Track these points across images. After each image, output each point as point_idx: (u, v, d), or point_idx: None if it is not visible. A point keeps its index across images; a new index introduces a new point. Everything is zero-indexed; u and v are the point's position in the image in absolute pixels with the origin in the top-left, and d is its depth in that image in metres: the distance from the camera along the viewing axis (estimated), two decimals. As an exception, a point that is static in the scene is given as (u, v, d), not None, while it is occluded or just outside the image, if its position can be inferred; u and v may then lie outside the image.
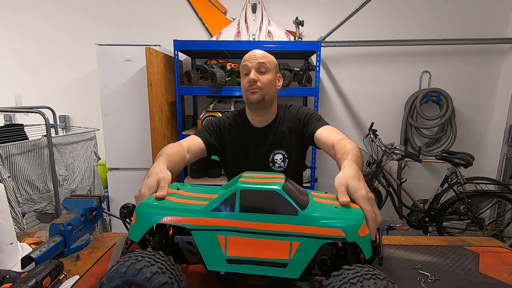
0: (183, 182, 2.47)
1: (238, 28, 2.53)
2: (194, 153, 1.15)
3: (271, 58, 1.21)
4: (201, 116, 2.39)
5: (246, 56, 1.20)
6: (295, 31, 2.60)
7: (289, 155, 1.26)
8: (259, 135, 1.27)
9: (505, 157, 2.70)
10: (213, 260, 0.62)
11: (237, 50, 2.36)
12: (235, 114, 1.33)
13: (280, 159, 1.26)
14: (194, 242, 0.63)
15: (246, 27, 2.51)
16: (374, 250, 0.61)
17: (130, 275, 0.50)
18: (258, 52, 1.19)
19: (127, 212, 0.72)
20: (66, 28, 2.78)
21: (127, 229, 0.70)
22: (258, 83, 1.16)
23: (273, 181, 0.62)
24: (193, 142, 1.16)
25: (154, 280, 0.50)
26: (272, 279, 0.65)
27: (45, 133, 1.75)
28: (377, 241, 0.62)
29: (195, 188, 0.75)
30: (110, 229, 2.38)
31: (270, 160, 1.26)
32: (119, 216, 0.73)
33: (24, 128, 1.90)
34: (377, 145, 2.47)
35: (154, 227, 0.68)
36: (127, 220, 0.72)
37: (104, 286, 0.51)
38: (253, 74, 1.15)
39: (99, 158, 2.35)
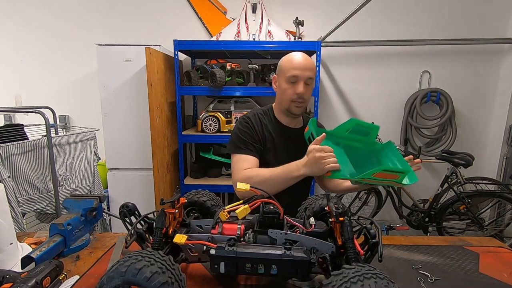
0: (183, 182, 2.47)
1: (238, 28, 2.53)
2: None
3: (315, 67, 1.20)
4: (201, 116, 2.39)
5: (295, 62, 1.14)
6: (295, 31, 2.60)
7: None
8: (297, 136, 1.23)
9: (505, 157, 2.70)
10: None
11: (237, 50, 2.37)
12: (261, 113, 1.27)
13: None
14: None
15: (246, 27, 2.51)
16: (374, 247, 0.62)
17: (130, 275, 0.50)
18: (307, 62, 1.15)
19: (126, 211, 0.72)
20: (66, 28, 2.78)
21: (127, 228, 0.70)
22: (305, 96, 1.16)
23: None
24: (252, 163, 1.15)
25: (154, 280, 0.50)
26: (272, 279, 0.65)
27: (45, 133, 1.75)
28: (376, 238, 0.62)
29: None
30: (110, 229, 2.38)
31: None
32: (119, 216, 0.73)
33: (24, 128, 1.90)
34: (377, 145, 2.46)
35: (154, 225, 0.69)
36: (127, 219, 0.72)
37: (104, 286, 0.51)
38: (302, 87, 1.13)
39: (99, 158, 2.35)
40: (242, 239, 0.67)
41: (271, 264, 0.61)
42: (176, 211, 0.70)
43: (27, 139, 1.80)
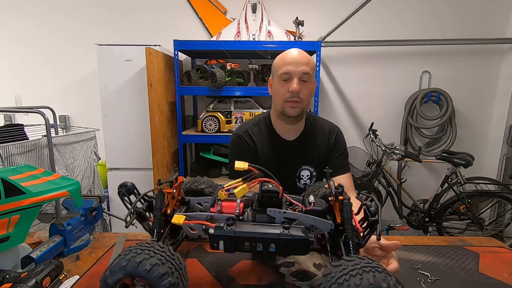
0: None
1: (238, 28, 2.53)
2: None
3: (313, 63, 1.07)
4: (201, 116, 2.39)
5: (287, 58, 1.04)
6: (295, 31, 2.60)
7: (317, 173, 1.18)
8: (289, 149, 1.16)
9: (505, 157, 2.70)
10: None
11: (237, 50, 2.37)
12: (251, 126, 1.20)
13: (307, 175, 1.19)
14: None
15: (246, 27, 2.51)
16: (373, 225, 0.61)
17: (131, 268, 0.52)
18: (301, 56, 1.04)
19: (125, 190, 0.72)
20: (66, 28, 2.78)
21: (127, 208, 0.70)
22: (300, 95, 1.03)
23: None
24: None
25: (154, 272, 0.51)
26: (272, 279, 0.65)
27: (45, 133, 1.75)
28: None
29: None
30: (110, 229, 2.38)
31: (297, 175, 1.19)
32: (118, 216, 0.74)
33: (24, 128, 1.90)
34: (377, 145, 2.46)
35: (154, 205, 0.70)
36: (126, 198, 0.72)
37: (108, 279, 0.53)
38: (296, 84, 1.02)
39: (99, 158, 2.35)
40: (241, 217, 0.67)
41: (270, 243, 0.62)
42: (174, 190, 0.71)
43: (27, 139, 1.80)
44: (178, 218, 0.64)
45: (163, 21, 2.76)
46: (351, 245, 0.61)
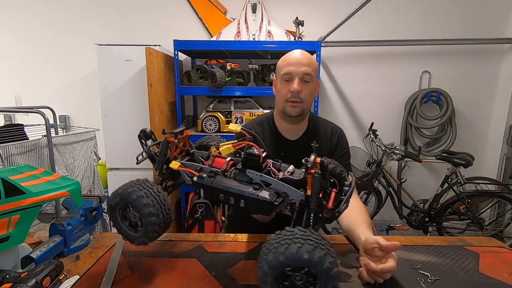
0: (183, 182, 2.47)
1: (238, 28, 2.53)
2: None
3: (315, 64, 1.09)
4: (201, 116, 2.39)
5: (289, 59, 1.07)
6: (295, 31, 2.60)
7: None
8: (291, 148, 1.16)
9: (505, 157, 2.70)
10: None
11: (237, 50, 2.37)
12: (254, 125, 1.21)
13: None
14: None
15: (246, 27, 2.51)
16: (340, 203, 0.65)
17: (124, 195, 0.66)
18: (303, 57, 1.06)
19: (143, 135, 0.84)
20: (66, 28, 2.78)
21: (143, 148, 0.84)
22: (301, 95, 1.05)
23: None
24: None
25: (139, 201, 0.64)
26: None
27: (45, 133, 1.75)
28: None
29: None
30: (110, 229, 2.38)
31: None
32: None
33: (24, 128, 1.90)
34: (377, 145, 2.46)
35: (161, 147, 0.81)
36: (143, 140, 0.85)
37: (110, 201, 0.69)
38: (297, 84, 1.03)
39: (99, 158, 2.34)
40: (226, 173, 0.74)
41: (240, 199, 0.70)
42: (176, 140, 0.81)
43: (27, 139, 1.79)
44: (174, 164, 0.76)
45: (163, 21, 2.76)
46: (311, 217, 0.64)
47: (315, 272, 0.52)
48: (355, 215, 0.98)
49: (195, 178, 0.73)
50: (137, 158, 0.82)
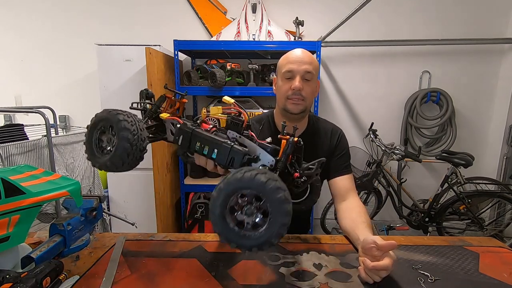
0: (183, 182, 2.47)
1: (238, 28, 2.53)
2: None
3: (316, 63, 1.10)
4: (201, 116, 2.39)
5: (291, 57, 1.07)
6: (295, 31, 2.60)
7: None
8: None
9: (505, 157, 2.70)
10: None
11: (237, 50, 2.37)
12: (260, 119, 1.22)
13: None
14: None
15: (246, 27, 2.51)
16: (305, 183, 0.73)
17: (112, 114, 0.77)
18: (304, 55, 1.07)
19: (145, 92, 0.94)
20: (66, 28, 2.78)
21: (141, 102, 0.94)
22: (303, 93, 1.05)
23: None
24: None
25: (122, 124, 0.73)
26: (272, 278, 0.66)
27: (45, 133, 1.75)
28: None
29: None
30: (110, 229, 2.38)
31: None
32: (118, 216, 0.81)
33: (24, 128, 1.90)
34: (377, 145, 2.46)
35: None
36: (143, 98, 0.95)
37: (96, 116, 0.83)
38: (299, 82, 1.04)
39: (99, 158, 2.34)
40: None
41: (214, 148, 0.73)
42: (173, 97, 0.88)
43: (27, 139, 1.80)
44: (164, 115, 0.85)
45: (163, 21, 2.76)
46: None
47: (262, 197, 0.56)
48: (354, 216, 0.98)
49: (178, 125, 0.80)
50: (132, 104, 0.92)
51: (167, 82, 2.39)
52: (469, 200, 2.29)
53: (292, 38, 2.54)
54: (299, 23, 2.55)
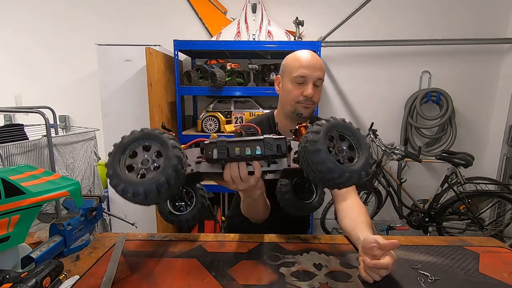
0: (183, 182, 2.47)
1: (238, 28, 2.53)
2: None
3: (324, 68, 1.09)
4: (201, 116, 2.39)
5: (303, 61, 1.05)
6: (295, 31, 2.60)
7: None
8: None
9: (505, 157, 2.70)
10: None
11: (237, 50, 2.37)
12: (261, 121, 1.20)
13: None
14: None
15: (246, 27, 2.51)
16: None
17: (151, 132, 0.68)
18: (317, 61, 1.06)
19: None
20: (66, 28, 2.78)
21: None
22: (313, 99, 1.06)
23: None
24: None
25: (170, 142, 0.66)
26: (272, 278, 0.66)
27: (45, 133, 1.75)
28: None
29: None
30: (110, 229, 2.38)
31: None
32: (118, 216, 0.78)
33: (24, 128, 1.90)
34: (377, 145, 2.47)
35: None
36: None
37: (128, 137, 0.68)
38: (311, 89, 1.04)
39: (99, 158, 2.34)
40: None
41: (256, 145, 0.73)
42: (173, 134, 0.81)
43: (27, 139, 1.80)
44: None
45: (163, 21, 2.76)
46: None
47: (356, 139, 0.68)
48: (354, 215, 0.98)
49: (207, 141, 0.75)
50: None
51: (167, 82, 2.40)
52: (469, 200, 2.29)
53: (292, 38, 2.54)
54: (299, 23, 2.55)
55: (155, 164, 0.65)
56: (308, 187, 0.94)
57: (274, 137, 0.73)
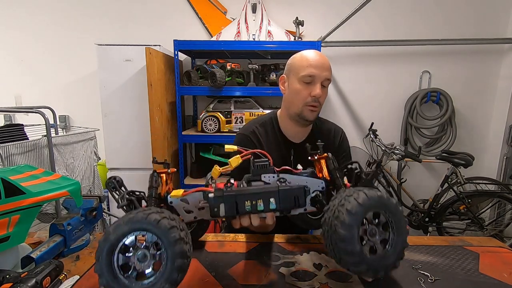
0: (183, 182, 2.47)
1: (238, 28, 2.53)
2: None
3: (331, 69, 1.08)
4: (201, 116, 2.39)
5: (312, 61, 1.03)
6: (295, 31, 2.60)
7: None
8: (296, 151, 1.13)
9: (505, 157, 2.70)
10: None
11: (237, 50, 2.37)
12: (257, 126, 1.17)
13: None
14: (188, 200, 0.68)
15: (246, 27, 2.51)
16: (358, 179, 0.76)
17: (139, 219, 0.57)
18: (324, 60, 1.06)
19: (115, 182, 0.73)
20: (66, 28, 2.78)
21: (115, 200, 0.70)
22: (320, 100, 1.04)
23: None
24: None
25: (163, 224, 0.56)
26: (272, 278, 0.66)
27: (45, 133, 1.75)
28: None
29: None
30: (110, 229, 2.38)
31: None
32: (118, 216, 0.75)
33: (24, 128, 1.90)
34: (377, 145, 2.46)
35: (148, 187, 0.72)
36: (116, 192, 0.72)
37: (110, 235, 0.57)
38: (320, 89, 1.02)
39: (99, 158, 2.35)
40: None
41: (269, 197, 0.64)
42: (169, 170, 0.74)
43: (27, 139, 1.79)
44: (177, 192, 0.67)
45: (163, 21, 2.76)
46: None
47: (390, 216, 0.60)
48: None
49: (211, 195, 0.64)
50: (118, 206, 0.68)
51: (167, 82, 2.40)
52: (469, 200, 2.29)
53: (292, 38, 2.54)
54: (299, 23, 2.55)
55: (155, 258, 0.57)
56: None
57: (290, 185, 0.65)
